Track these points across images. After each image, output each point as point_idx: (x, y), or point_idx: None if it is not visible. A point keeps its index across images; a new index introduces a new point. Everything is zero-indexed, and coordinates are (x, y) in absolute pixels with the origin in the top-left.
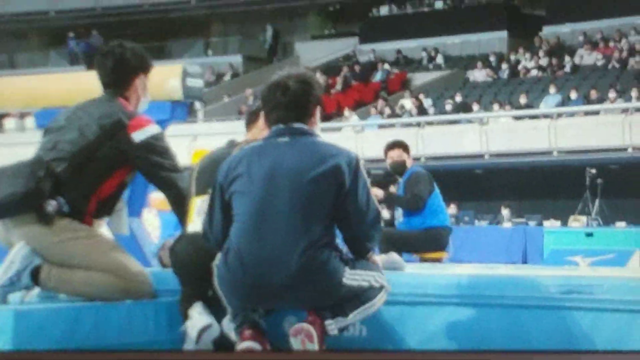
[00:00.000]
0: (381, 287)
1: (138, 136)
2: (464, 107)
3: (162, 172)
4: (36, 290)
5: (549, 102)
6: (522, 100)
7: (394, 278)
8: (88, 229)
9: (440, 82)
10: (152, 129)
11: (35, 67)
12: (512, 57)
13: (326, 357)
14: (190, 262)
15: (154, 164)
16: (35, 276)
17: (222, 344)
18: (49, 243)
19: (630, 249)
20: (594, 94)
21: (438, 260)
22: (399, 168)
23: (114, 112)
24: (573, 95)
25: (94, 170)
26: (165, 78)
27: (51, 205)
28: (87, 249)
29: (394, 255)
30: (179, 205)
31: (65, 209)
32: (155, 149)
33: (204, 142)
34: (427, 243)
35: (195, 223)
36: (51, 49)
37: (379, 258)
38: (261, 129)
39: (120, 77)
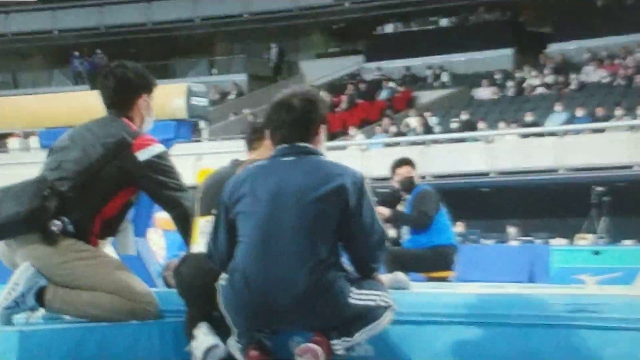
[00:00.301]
0: (387, 307)
1: (142, 155)
2: (470, 125)
3: (166, 192)
4: (41, 312)
5: (555, 120)
6: (528, 118)
7: (400, 297)
8: (93, 249)
9: (446, 100)
10: (156, 149)
11: (39, 86)
12: (518, 75)
13: None
14: (195, 283)
15: (159, 183)
16: (40, 297)
17: None
18: (54, 263)
19: (638, 266)
20: (600, 111)
21: (444, 279)
22: (408, 185)
23: (118, 131)
24: (579, 112)
25: (98, 190)
26: (169, 97)
27: (55, 225)
28: (92, 269)
29: (399, 275)
30: (184, 224)
31: (70, 228)
32: (160, 168)
33: (209, 161)
34: (433, 262)
35: (199, 244)
36: (55, 69)
37: (384, 277)
38: (268, 148)
39: (123, 97)
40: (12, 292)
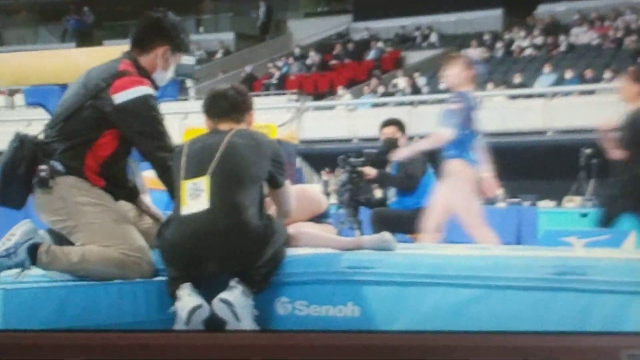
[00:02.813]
0: None
1: (118, 98)
2: None
3: (140, 138)
4: (30, 271)
5: (544, 82)
6: (517, 79)
7: (385, 258)
8: (96, 193)
9: (435, 61)
10: (136, 92)
11: (25, 43)
12: (507, 36)
13: (318, 337)
14: (179, 245)
15: (132, 129)
16: (33, 255)
17: (213, 324)
18: (54, 209)
19: (625, 229)
20: (589, 74)
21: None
22: (391, 145)
23: (106, 71)
24: (568, 74)
25: (80, 129)
26: None
27: (42, 170)
28: (91, 216)
29: (386, 235)
30: (160, 174)
31: (60, 168)
32: (135, 113)
33: (196, 120)
34: (420, 223)
35: (189, 206)
36: (41, 26)
37: (370, 237)
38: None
39: (146, 38)
40: (7, 242)
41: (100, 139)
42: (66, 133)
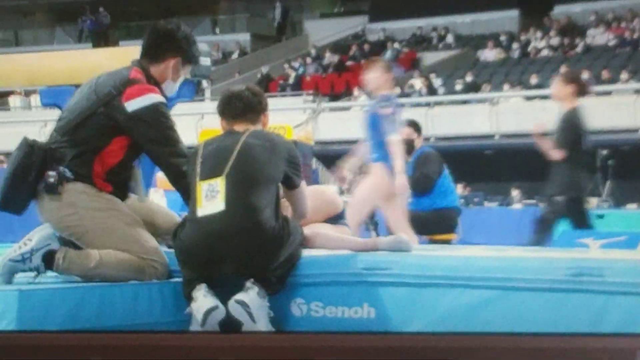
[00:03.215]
0: None
1: (131, 106)
2: (474, 87)
3: (153, 146)
4: (44, 276)
5: None
6: (533, 80)
7: (401, 259)
8: (106, 198)
9: (451, 62)
10: (148, 99)
11: (41, 44)
12: (523, 37)
13: (334, 339)
14: (195, 246)
15: (145, 136)
16: (48, 261)
17: (228, 325)
18: (64, 215)
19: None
20: (605, 75)
21: (447, 241)
22: (408, 147)
23: (117, 78)
24: (584, 75)
25: (89, 136)
26: None
27: (51, 176)
28: (102, 221)
29: (401, 236)
30: (174, 181)
31: (68, 174)
32: (148, 120)
33: (212, 121)
34: (436, 224)
35: (205, 207)
36: (57, 26)
37: (386, 239)
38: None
39: (158, 48)
40: (23, 246)
41: (108, 147)
42: (75, 139)
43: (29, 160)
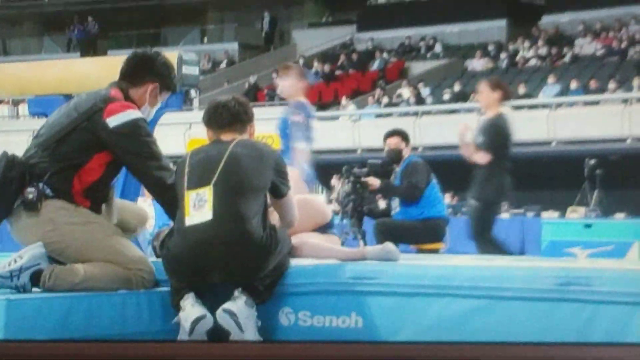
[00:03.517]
0: None
1: (112, 122)
2: (463, 97)
3: (136, 160)
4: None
5: (548, 92)
6: (521, 90)
7: (389, 268)
8: (85, 213)
9: (439, 71)
10: (128, 115)
11: (29, 53)
12: (511, 47)
13: (322, 348)
14: (182, 256)
15: (128, 152)
16: (36, 279)
17: (216, 334)
18: (45, 231)
19: (630, 240)
20: (593, 84)
21: (435, 251)
22: (395, 156)
23: (98, 96)
24: (572, 85)
25: (69, 153)
26: None
27: (30, 192)
28: (85, 235)
29: (389, 246)
30: (158, 194)
31: (48, 191)
32: (130, 135)
33: (199, 130)
34: (424, 234)
35: (193, 216)
36: (45, 36)
37: (374, 248)
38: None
39: (136, 73)
40: (13, 263)
41: (88, 164)
42: (56, 155)
43: (8, 174)
